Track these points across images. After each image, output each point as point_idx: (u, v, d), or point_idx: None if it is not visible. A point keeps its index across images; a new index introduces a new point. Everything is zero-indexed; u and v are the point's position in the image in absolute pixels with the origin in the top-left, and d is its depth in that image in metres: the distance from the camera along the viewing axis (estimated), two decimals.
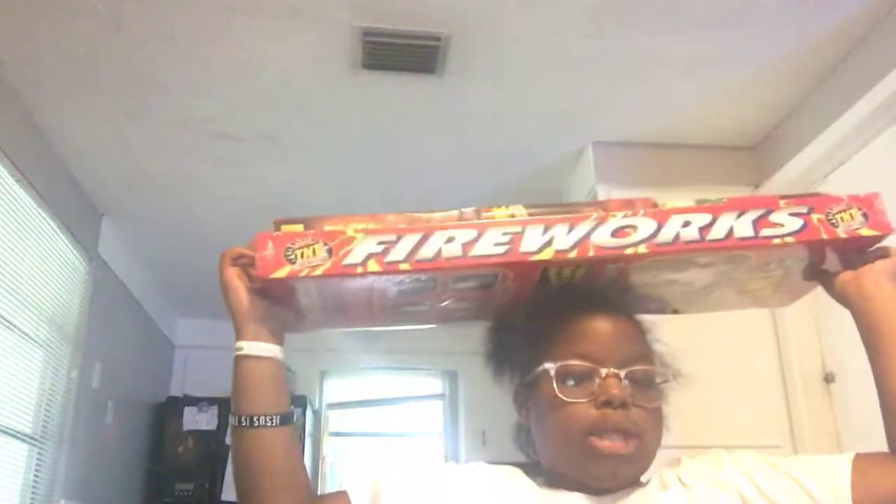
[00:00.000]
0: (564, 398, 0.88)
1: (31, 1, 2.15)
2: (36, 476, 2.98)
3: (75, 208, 3.22)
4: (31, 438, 2.96)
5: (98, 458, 3.61)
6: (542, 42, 2.34)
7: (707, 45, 2.35)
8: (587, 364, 0.89)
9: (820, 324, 2.60)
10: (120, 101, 2.62)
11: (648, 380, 0.91)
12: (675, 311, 1.11)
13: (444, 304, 0.99)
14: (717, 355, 2.40)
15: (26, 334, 2.87)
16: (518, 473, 0.95)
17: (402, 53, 2.36)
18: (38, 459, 3.01)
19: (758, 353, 2.66)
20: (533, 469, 0.96)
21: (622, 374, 0.88)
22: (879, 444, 0.90)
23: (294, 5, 2.16)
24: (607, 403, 0.87)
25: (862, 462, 0.86)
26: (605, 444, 0.86)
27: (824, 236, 0.90)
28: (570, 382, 0.89)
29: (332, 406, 5.31)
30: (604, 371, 0.88)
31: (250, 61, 2.42)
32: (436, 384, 5.40)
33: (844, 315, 0.95)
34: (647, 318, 1.00)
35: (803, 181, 2.57)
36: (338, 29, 2.27)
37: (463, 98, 2.63)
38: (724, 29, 2.28)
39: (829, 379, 2.56)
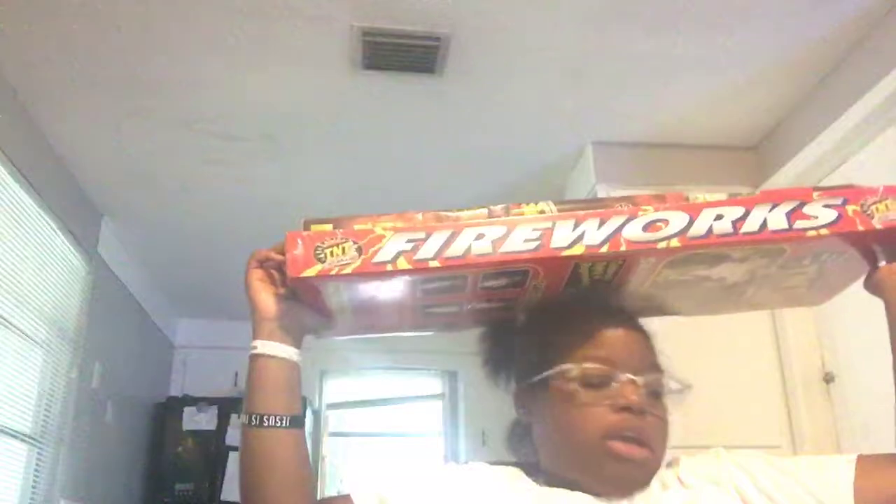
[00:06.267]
0: (583, 400, 0.88)
1: (31, 1, 2.15)
2: (36, 476, 2.98)
3: (75, 208, 3.22)
4: (31, 438, 2.96)
5: (98, 458, 3.61)
6: (543, 42, 2.34)
7: (707, 45, 2.35)
8: (606, 368, 0.89)
9: (820, 324, 2.59)
10: (119, 101, 2.62)
11: (660, 390, 0.92)
12: (679, 313, 1.10)
13: (472, 305, 0.98)
14: (717, 356, 2.40)
15: (26, 334, 2.87)
16: (519, 474, 0.95)
17: (402, 53, 2.36)
18: (38, 459, 3.01)
19: (758, 354, 2.66)
20: (533, 469, 0.96)
21: (640, 381, 0.89)
22: (879, 443, 0.90)
23: (294, 5, 2.16)
24: (626, 409, 0.87)
25: (865, 463, 0.86)
26: (623, 447, 0.86)
27: (860, 228, 0.88)
28: (589, 385, 0.89)
29: (332, 406, 5.32)
30: (622, 377, 0.89)
31: (250, 61, 2.42)
32: (436, 384, 5.40)
33: (844, 315, 0.95)
34: (653, 331, 0.99)
35: (803, 181, 2.57)
36: (338, 29, 2.27)
37: (463, 98, 2.63)
38: (724, 29, 2.28)
39: (828, 379, 2.56)
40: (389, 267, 0.85)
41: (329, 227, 0.88)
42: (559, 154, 2.99)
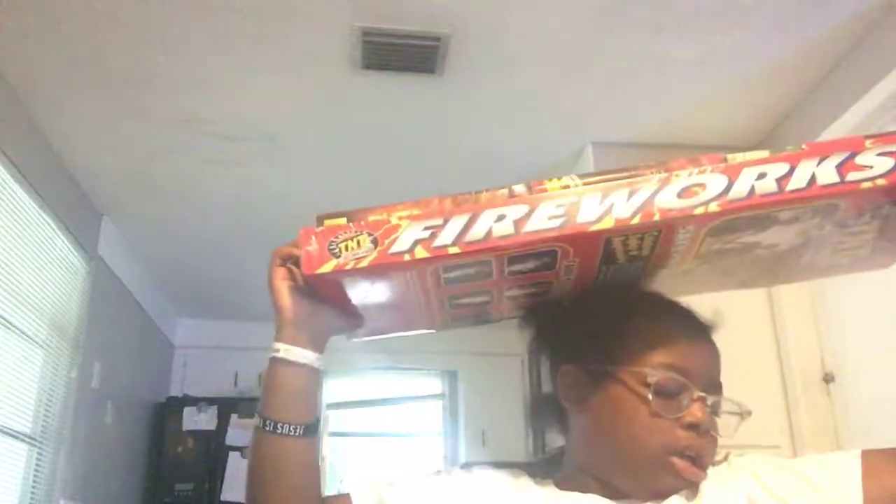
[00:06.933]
0: (653, 408, 0.85)
1: (31, 1, 2.15)
2: (35, 476, 2.98)
3: (75, 208, 3.22)
4: (31, 438, 2.96)
5: (98, 458, 3.62)
6: (542, 42, 2.34)
7: (707, 45, 2.35)
8: (684, 381, 0.86)
9: (820, 324, 2.59)
10: (119, 101, 2.62)
11: (719, 410, 0.90)
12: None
13: (504, 292, 0.93)
14: None
15: (26, 334, 2.87)
16: (522, 475, 0.94)
17: (402, 53, 2.36)
18: (38, 459, 3.01)
19: (758, 354, 2.66)
20: (537, 469, 0.95)
21: (710, 400, 0.87)
22: (879, 443, 0.89)
23: (293, 5, 2.16)
24: (694, 427, 0.85)
25: (871, 458, 0.84)
26: (683, 466, 0.85)
27: None
28: (661, 394, 0.86)
29: (331, 406, 5.31)
30: (695, 393, 0.86)
31: (250, 61, 2.42)
32: (436, 384, 5.40)
33: (844, 315, 0.94)
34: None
35: None
36: (337, 29, 2.27)
37: (463, 98, 2.63)
38: (724, 29, 2.28)
39: (828, 379, 2.55)
40: (407, 257, 0.80)
41: (343, 220, 0.84)
42: (559, 154, 2.99)
